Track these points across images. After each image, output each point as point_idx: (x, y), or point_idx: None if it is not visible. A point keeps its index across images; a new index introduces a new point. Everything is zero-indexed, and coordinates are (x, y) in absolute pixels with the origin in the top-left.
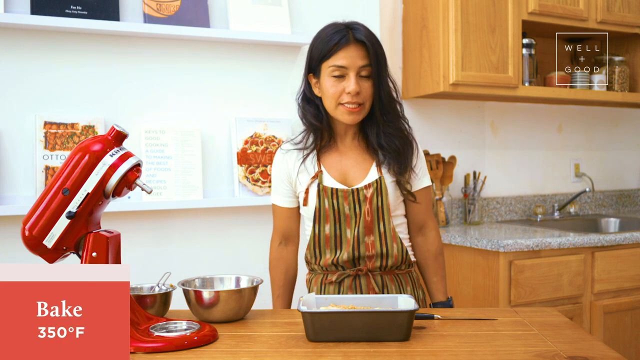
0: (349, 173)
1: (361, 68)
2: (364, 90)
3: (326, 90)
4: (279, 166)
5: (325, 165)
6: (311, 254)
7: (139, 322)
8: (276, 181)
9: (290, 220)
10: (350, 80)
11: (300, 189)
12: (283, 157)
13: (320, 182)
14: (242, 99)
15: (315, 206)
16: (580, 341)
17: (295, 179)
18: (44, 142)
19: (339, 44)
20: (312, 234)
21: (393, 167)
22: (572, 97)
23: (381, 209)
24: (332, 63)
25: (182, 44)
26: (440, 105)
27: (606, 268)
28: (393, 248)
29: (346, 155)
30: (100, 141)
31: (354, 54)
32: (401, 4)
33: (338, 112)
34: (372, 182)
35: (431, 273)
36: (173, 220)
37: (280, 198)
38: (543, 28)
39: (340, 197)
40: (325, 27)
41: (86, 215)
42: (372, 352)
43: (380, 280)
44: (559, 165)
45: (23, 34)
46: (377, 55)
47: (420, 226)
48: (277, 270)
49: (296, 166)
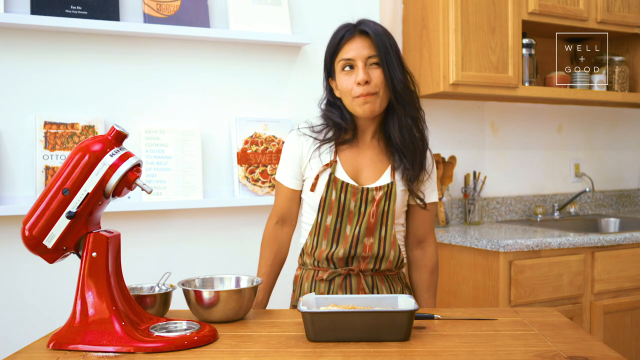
0: (362, 171)
1: (368, 58)
2: (374, 78)
3: (341, 87)
4: (293, 146)
5: (340, 157)
6: (311, 242)
7: (139, 322)
8: (286, 159)
9: (292, 201)
10: (359, 70)
11: (310, 175)
12: (299, 139)
13: (332, 172)
14: (242, 99)
15: (322, 195)
16: (580, 341)
17: (307, 163)
18: (44, 142)
19: (344, 37)
20: (315, 222)
21: (406, 173)
22: (572, 97)
23: (386, 214)
24: (341, 57)
25: (182, 44)
26: (440, 105)
27: (606, 268)
28: (390, 254)
29: (363, 153)
30: (100, 141)
31: (359, 45)
32: (401, 4)
33: (355, 105)
34: (383, 185)
35: (424, 289)
36: (173, 220)
37: (286, 177)
38: (543, 28)
39: (349, 192)
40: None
41: (86, 215)
42: (372, 352)
43: (370, 281)
44: (559, 165)
45: (23, 34)
46: (385, 45)
47: (420, 240)
48: (269, 249)
49: (311, 150)
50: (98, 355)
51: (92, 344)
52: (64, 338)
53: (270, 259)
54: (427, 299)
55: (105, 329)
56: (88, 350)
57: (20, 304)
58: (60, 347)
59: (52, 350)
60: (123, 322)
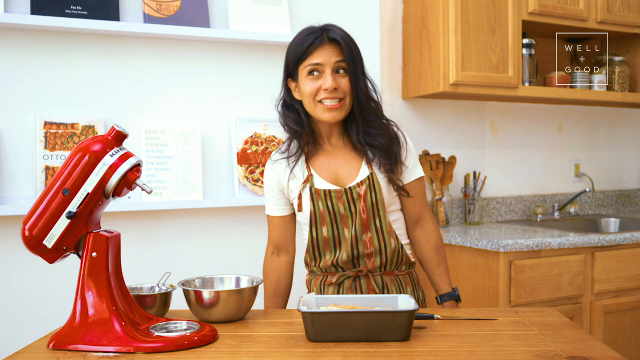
0: (339, 173)
1: (337, 63)
2: (342, 85)
3: (304, 90)
4: (269, 176)
5: (314, 168)
6: (310, 258)
7: (139, 322)
8: (268, 191)
9: (283, 229)
10: (327, 77)
11: (293, 196)
12: (272, 167)
13: (311, 185)
14: (242, 99)
15: (310, 210)
16: (580, 341)
17: (286, 187)
18: (44, 142)
19: (313, 44)
20: (310, 237)
21: (383, 164)
22: (572, 97)
23: (376, 205)
24: (308, 62)
25: (182, 44)
26: (440, 105)
27: (606, 268)
28: (390, 243)
29: (335, 156)
30: (100, 141)
31: (328, 52)
32: (401, 4)
33: (317, 110)
34: (364, 179)
35: (434, 266)
36: (173, 220)
37: (272, 208)
38: (543, 28)
39: (334, 197)
40: (300, 31)
41: (86, 215)
42: (372, 352)
43: (380, 281)
44: (559, 165)
45: (23, 34)
46: (352, 54)
47: (417, 219)
48: (268, 281)
49: (286, 174)
50: (98, 355)
51: (92, 344)
52: (64, 338)
53: (272, 291)
54: (440, 275)
55: (105, 329)
56: (88, 350)
57: (20, 304)
58: (60, 347)
59: (52, 350)
60: (123, 322)
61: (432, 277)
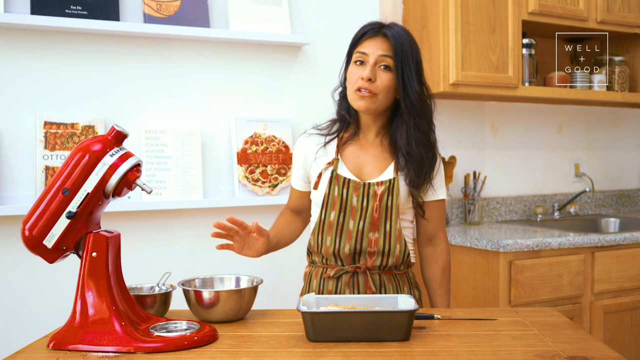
0: (364, 168)
1: (381, 57)
2: (379, 80)
3: (349, 77)
4: (298, 150)
5: (343, 155)
6: (314, 241)
7: (139, 322)
8: (294, 164)
9: (301, 199)
10: (367, 67)
11: (314, 174)
12: (304, 141)
13: (334, 169)
14: (242, 99)
15: (325, 192)
16: (580, 341)
17: (310, 163)
18: (44, 142)
19: (366, 34)
20: (318, 219)
21: (411, 177)
22: (572, 97)
23: (390, 208)
24: (357, 50)
25: (182, 44)
26: (440, 105)
27: (606, 268)
28: (396, 248)
29: (366, 150)
30: (100, 141)
31: (377, 44)
32: (401, 4)
33: (353, 97)
34: (385, 180)
35: (436, 286)
36: (173, 220)
37: (295, 180)
38: (543, 28)
39: (351, 187)
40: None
41: (86, 215)
42: (372, 352)
43: (378, 279)
44: (559, 165)
45: (23, 34)
46: (404, 53)
47: (431, 237)
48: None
49: (314, 150)
50: (98, 355)
51: (92, 344)
52: (64, 338)
53: (274, 229)
54: (440, 296)
55: (105, 329)
56: (88, 350)
57: (20, 304)
58: (60, 347)
59: (52, 350)
60: (123, 322)
61: (432, 297)
